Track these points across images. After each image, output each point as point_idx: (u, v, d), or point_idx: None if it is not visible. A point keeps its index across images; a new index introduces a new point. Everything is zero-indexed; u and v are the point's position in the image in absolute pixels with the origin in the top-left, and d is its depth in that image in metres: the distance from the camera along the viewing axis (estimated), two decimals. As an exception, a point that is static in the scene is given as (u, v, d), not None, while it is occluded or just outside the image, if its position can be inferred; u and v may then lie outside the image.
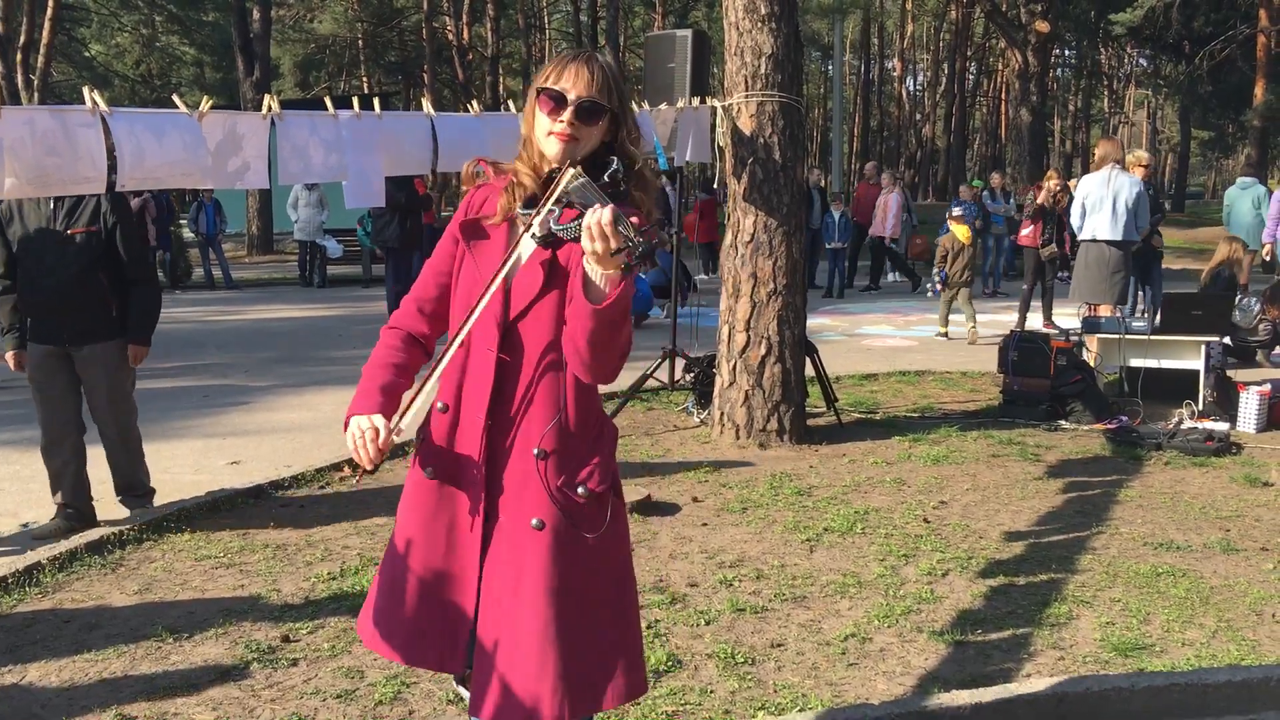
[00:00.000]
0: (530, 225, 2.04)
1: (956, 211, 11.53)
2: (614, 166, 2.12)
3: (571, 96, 2.12)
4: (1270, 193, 12.08)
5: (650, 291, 12.02)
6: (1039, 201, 11.90)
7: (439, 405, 2.23)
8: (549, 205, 2.03)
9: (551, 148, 2.15)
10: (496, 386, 2.15)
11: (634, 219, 1.91)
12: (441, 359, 2.16)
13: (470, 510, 2.19)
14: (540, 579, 2.11)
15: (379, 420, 2.11)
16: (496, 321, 2.15)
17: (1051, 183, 12.13)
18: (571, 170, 2.02)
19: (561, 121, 2.13)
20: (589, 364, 2.04)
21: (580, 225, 1.91)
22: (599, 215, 1.86)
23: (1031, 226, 11.81)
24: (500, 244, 2.19)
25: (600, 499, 2.19)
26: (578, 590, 2.15)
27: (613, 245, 1.86)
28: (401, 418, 2.15)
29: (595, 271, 1.93)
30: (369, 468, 2.11)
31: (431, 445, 2.24)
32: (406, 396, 2.21)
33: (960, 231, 11.15)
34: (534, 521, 2.13)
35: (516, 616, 2.12)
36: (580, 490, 2.16)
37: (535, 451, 2.14)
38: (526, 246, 2.14)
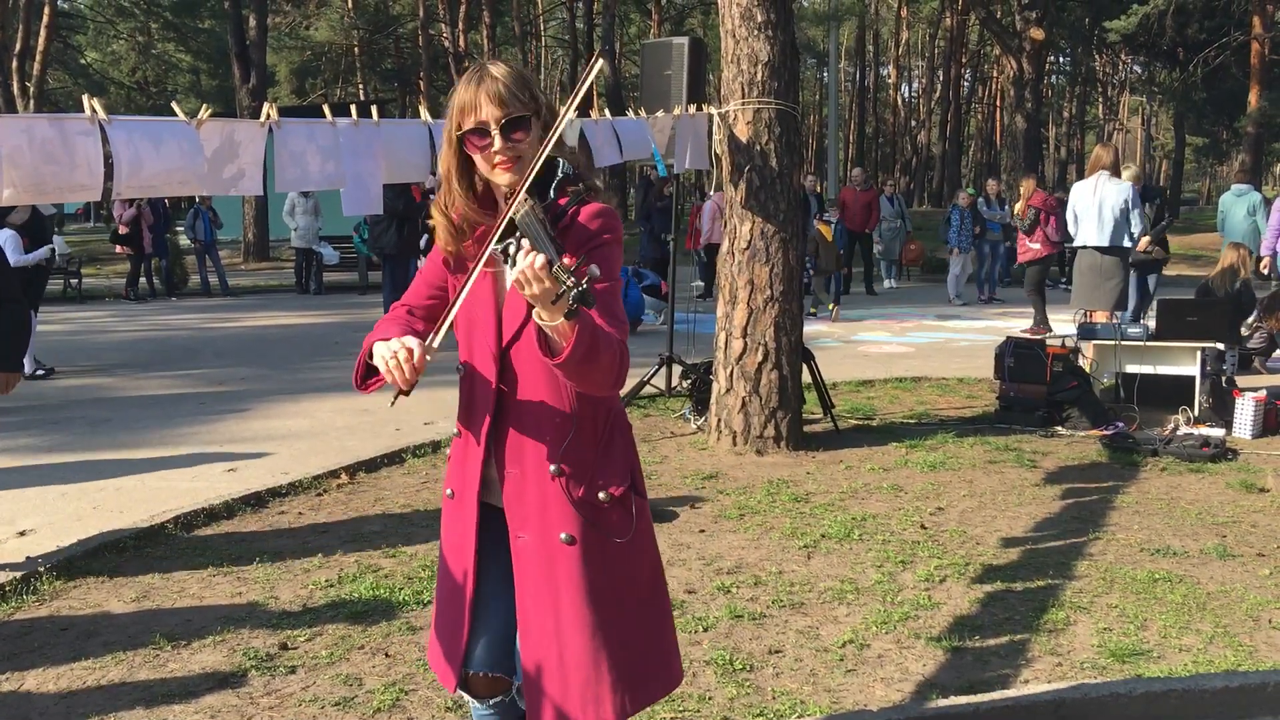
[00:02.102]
0: (477, 264, 2.05)
1: (826, 218, 14.90)
2: (559, 174, 2.10)
3: (490, 124, 2.07)
4: (1265, 200, 12.12)
5: (640, 297, 12.03)
6: (1021, 213, 12.10)
7: (456, 430, 2.29)
8: (491, 245, 2.02)
9: (503, 178, 2.11)
10: (500, 413, 2.18)
11: (566, 258, 1.82)
12: (467, 281, 2.09)
13: (464, 535, 2.24)
14: (578, 591, 2.14)
15: (411, 340, 2.05)
16: (492, 352, 2.17)
17: (1024, 188, 12.39)
18: (519, 199, 1.98)
19: (496, 150, 2.08)
20: (583, 390, 2.06)
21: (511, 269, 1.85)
22: (529, 260, 1.79)
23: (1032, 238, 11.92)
24: (484, 276, 2.19)
25: (623, 501, 2.21)
26: (616, 593, 2.18)
27: (550, 289, 1.79)
28: (435, 336, 2.12)
29: (543, 322, 1.87)
30: (405, 388, 2.05)
31: (451, 467, 2.31)
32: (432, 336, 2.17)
33: (824, 230, 14.00)
34: (563, 536, 2.14)
35: (561, 631, 2.14)
36: (602, 496, 2.18)
37: (552, 469, 2.15)
38: (506, 276, 2.12)
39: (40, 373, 9.27)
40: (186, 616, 3.96)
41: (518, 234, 1.94)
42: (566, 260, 1.80)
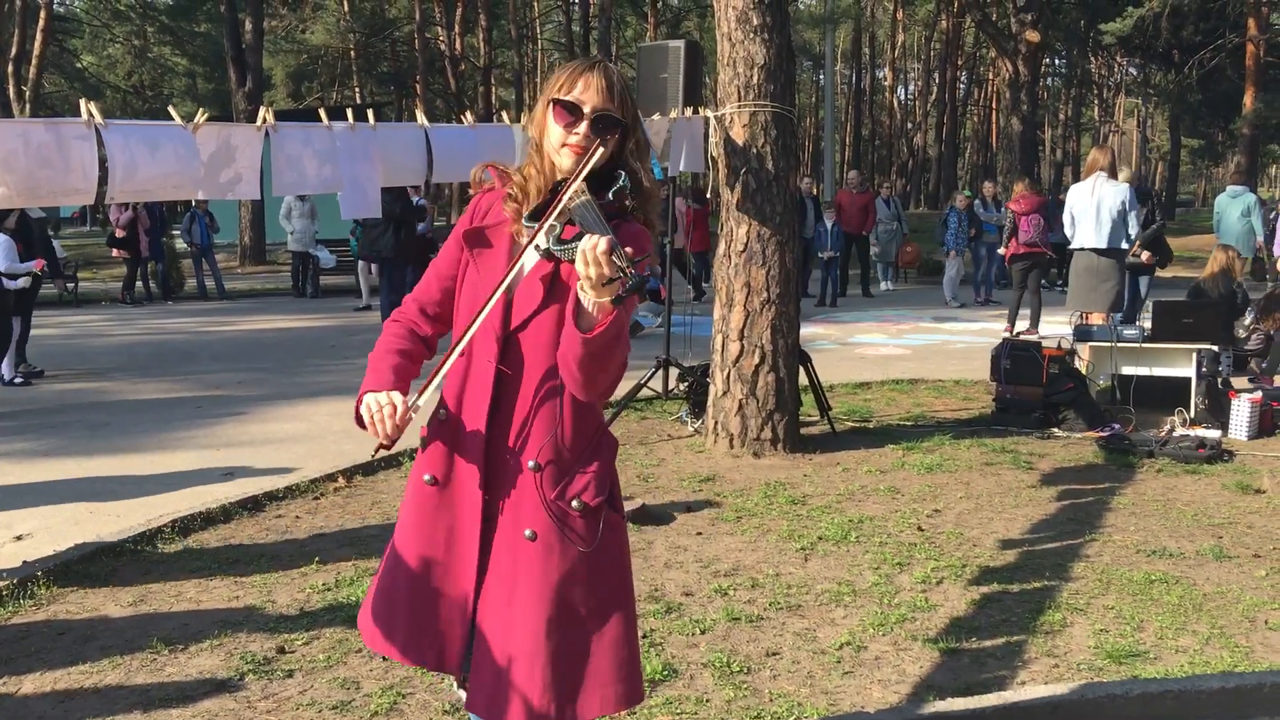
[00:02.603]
0: (533, 239, 2.04)
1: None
2: (620, 183, 2.11)
3: (587, 109, 2.10)
4: (1260, 201, 12.15)
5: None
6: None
7: (439, 413, 2.23)
8: (550, 220, 2.02)
9: (565, 160, 2.13)
10: (496, 397, 2.16)
11: (629, 248, 1.88)
12: (452, 351, 2.14)
13: (469, 517, 2.19)
14: (532, 589, 2.13)
15: (396, 396, 2.08)
16: (496, 333, 2.15)
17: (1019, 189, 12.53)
18: (575, 186, 2.01)
19: (577, 134, 2.10)
20: (581, 384, 2.04)
21: (576, 248, 1.90)
22: (594, 241, 1.84)
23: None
24: (503, 253, 2.19)
25: (594, 512, 2.18)
26: (569, 600, 2.15)
27: (606, 273, 1.84)
28: (420, 395, 2.12)
29: (588, 298, 1.91)
30: (386, 443, 2.07)
31: (432, 453, 2.24)
32: (419, 384, 2.19)
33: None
34: (527, 532, 2.14)
35: (509, 624, 2.14)
36: (574, 503, 2.16)
37: (530, 464, 2.15)
38: (530, 258, 2.14)
39: (19, 381, 9.11)
40: (184, 620, 3.96)
41: (563, 220, 2.00)
42: (630, 250, 1.87)
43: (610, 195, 2.09)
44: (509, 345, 2.15)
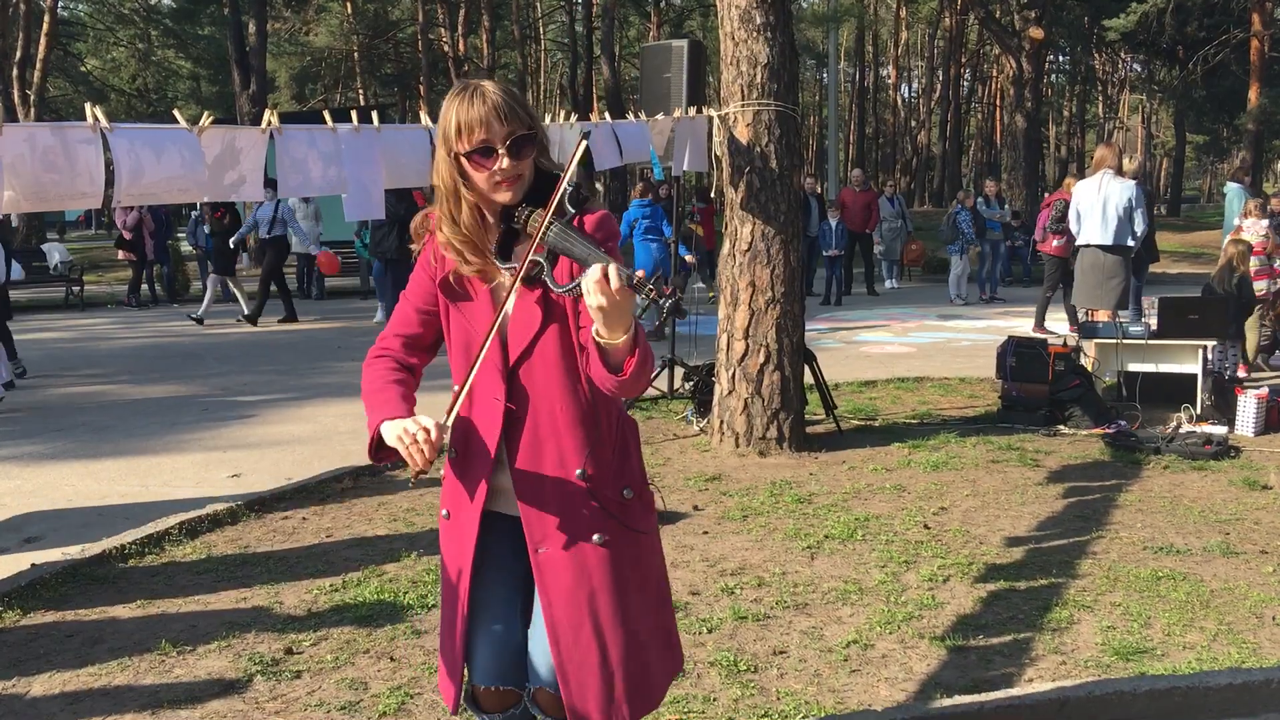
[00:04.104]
0: (517, 280, 2.06)
1: (698, 218, 15.37)
2: (568, 191, 2.07)
3: (497, 145, 2.06)
4: (1243, 194, 12.19)
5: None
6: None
7: (450, 452, 2.26)
8: (531, 258, 2.04)
9: (504, 196, 2.11)
10: (505, 432, 2.18)
11: (639, 271, 1.87)
12: (463, 386, 2.13)
13: (466, 549, 2.24)
14: (615, 590, 2.19)
15: (424, 420, 2.05)
16: (499, 371, 2.17)
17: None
18: (546, 223, 2.01)
19: (501, 169, 2.07)
20: (620, 395, 2.10)
21: (580, 285, 1.89)
22: (600, 277, 1.83)
23: (1061, 239, 11.88)
24: (485, 296, 2.19)
25: (643, 497, 2.28)
26: (643, 588, 2.25)
27: (626, 305, 1.85)
28: (450, 415, 2.13)
29: (604, 340, 1.92)
30: (425, 468, 2.05)
31: (448, 489, 2.30)
32: (450, 400, 2.17)
33: (696, 229, 14.70)
34: (596, 538, 2.17)
35: (602, 630, 2.18)
36: (627, 494, 2.23)
37: (578, 473, 2.17)
38: (507, 285, 2.15)
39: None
40: (191, 622, 3.97)
41: (544, 255, 2.02)
42: (640, 273, 1.86)
43: (572, 209, 2.08)
44: (514, 379, 2.17)
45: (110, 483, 6.09)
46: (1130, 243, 8.45)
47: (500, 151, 2.06)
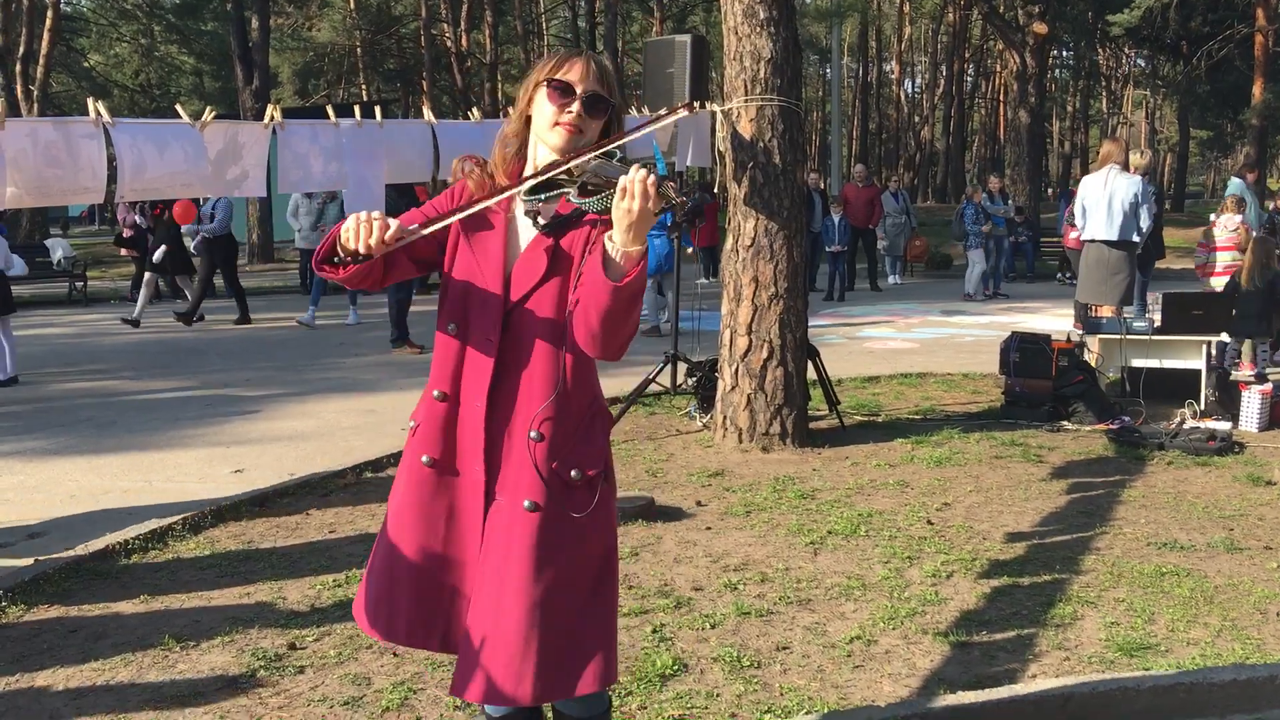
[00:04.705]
0: (520, 182, 2.11)
1: None
2: (619, 155, 2.14)
3: (579, 89, 2.16)
4: (1245, 190, 12.18)
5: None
6: None
7: (435, 394, 2.24)
8: (533, 183, 2.08)
9: (556, 139, 2.17)
10: (497, 373, 2.17)
11: (670, 182, 1.94)
12: (483, 202, 2.14)
13: (472, 496, 2.21)
14: (526, 561, 2.14)
15: (392, 221, 2.04)
16: (497, 309, 2.17)
17: None
18: (590, 155, 2.06)
19: (570, 112, 2.16)
20: (599, 340, 2.05)
21: (607, 197, 1.96)
22: (640, 174, 1.89)
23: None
24: (500, 235, 2.22)
25: (591, 483, 2.22)
26: (561, 573, 2.17)
27: (653, 205, 1.89)
28: (425, 227, 2.11)
29: (618, 245, 1.96)
30: (363, 250, 2.00)
31: (428, 433, 2.26)
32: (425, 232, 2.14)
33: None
34: (526, 503, 2.15)
35: (502, 600, 2.15)
36: (574, 473, 2.19)
37: (532, 434, 2.16)
38: (526, 230, 2.20)
39: None
40: (195, 617, 3.97)
41: (550, 191, 2.08)
42: (671, 183, 1.92)
43: (616, 162, 2.11)
44: (509, 320, 2.17)
45: (113, 478, 6.10)
46: (1135, 238, 8.43)
47: (578, 94, 2.15)
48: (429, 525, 2.24)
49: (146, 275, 13.86)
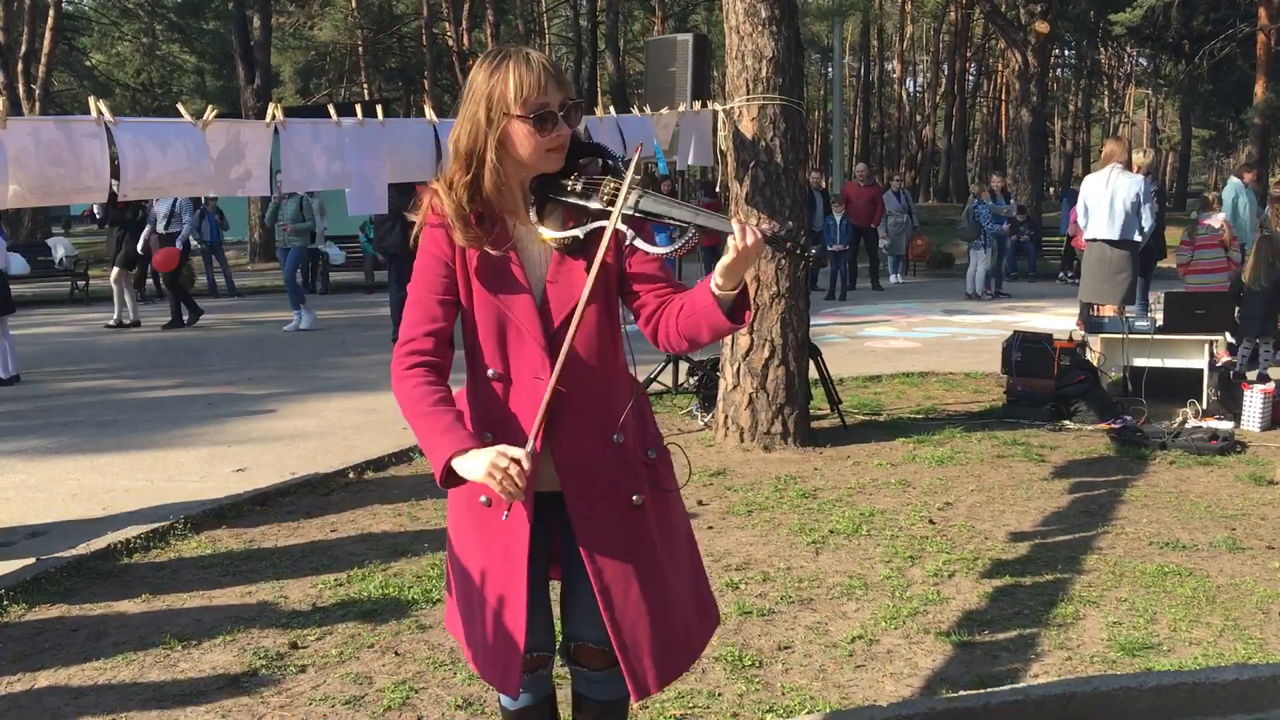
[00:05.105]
0: (601, 245, 2.04)
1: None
2: (608, 159, 2.15)
3: (556, 108, 2.05)
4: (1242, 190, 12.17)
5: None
6: None
7: (485, 437, 2.17)
8: (617, 227, 2.05)
9: (552, 164, 2.11)
10: (550, 405, 2.11)
11: (764, 224, 2.07)
12: (550, 382, 2.06)
13: (519, 539, 2.19)
14: (654, 551, 2.24)
15: (510, 450, 1.98)
16: (540, 345, 2.14)
17: None
18: (627, 188, 2.04)
19: (558, 135, 2.08)
20: (697, 348, 2.17)
21: (686, 241, 2.02)
22: (749, 230, 1.96)
23: None
24: (514, 261, 2.14)
25: (664, 457, 2.32)
26: (674, 546, 2.30)
27: (755, 259, 1.98)
28: (536, 438, 2.05)
29: (725, 292, 2.02)
30: (521, 498, 2.02)
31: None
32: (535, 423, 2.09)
33: None
34: (635, 499, 2.22)
35: (648, 587, 2.23)
36: (652, 455, 2.28)
37: (616, 438, 2.21)
38: (533, 246, 2.16)
39: None
40: (196, 616, 3.97)
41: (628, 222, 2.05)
42: (765, 228, 1.99)
43: (635, 175, 2.09)
44: (552, 346, 2.12)
45: (115, 477, 6.10)
46: (1137, 238, 8.43)
47: (559, 116, 2.06)
48: (489, 563, 2.23)
49: (116, 272, 13.25)
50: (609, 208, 2.05)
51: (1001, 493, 5.50)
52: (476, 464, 1.98)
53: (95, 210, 14.89)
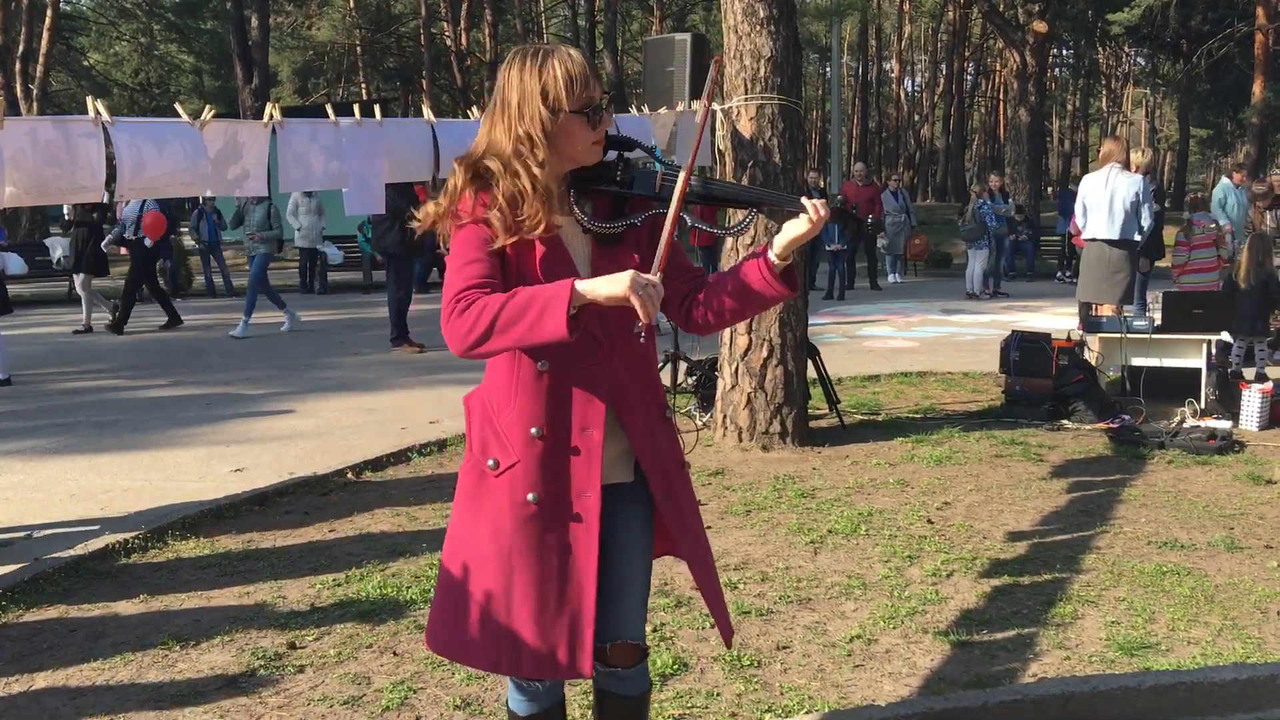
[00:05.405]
0: (670, 222, 2.10)
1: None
2: (634, 151, 2.22)
3: (601, 100, 2.14)
4: (1233, 191, 12.22)
5: None
6: None
7: (533, 430, 2.16)
8: (681, 214, 2.13)
9: (596, 155, 2.19)
10: (612, 388, 2.20)
11: (819, 201, 2.11)
12: (668, 230, 2.08)
13: (586, 533, 2.17)
14: (698, 509, 2.43)
15: (641, 275, 1.95)
16: (595, 336, 2.15)
17: None
18: (687, 174, 2.14)
19: (604, 128, 2.16)
20: (733, 323, 2.32)
21: (747, 221, 2.25)
22: (821, 205, 2.09)
23: None
24: (560, 252, 2.14)
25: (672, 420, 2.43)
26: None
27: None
28: (657, 271, 2.03)
29: (781, 262, 2.14)
30: (653, 320, 2.00)
31: (528, 472, 2.17)
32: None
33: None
34: (685, 466, 2.39)
35: (711, 556, 2.45)
36: (669, 414, 2.38)
37: (667, 414, 2.33)
38: (575, 235, 2.21)
39: None
40: (194, 617, 3.97)
41: (663, 203, 2.15)
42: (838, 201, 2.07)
43: (664, 167, 2.21)
44: (607, 330, 2.18)
45: (113, 477, 6.09)
46: (1136, 237, 8.43)
47: (603, 108, 2.13)
48: (541, 560, 2.18)
49: (82, 278, 12.83)
50: (661, 195, 2.16)
51: (1000, 492, 5.50)
52: (610, 283, 1.93)
53: (66, 211, 14.72)
